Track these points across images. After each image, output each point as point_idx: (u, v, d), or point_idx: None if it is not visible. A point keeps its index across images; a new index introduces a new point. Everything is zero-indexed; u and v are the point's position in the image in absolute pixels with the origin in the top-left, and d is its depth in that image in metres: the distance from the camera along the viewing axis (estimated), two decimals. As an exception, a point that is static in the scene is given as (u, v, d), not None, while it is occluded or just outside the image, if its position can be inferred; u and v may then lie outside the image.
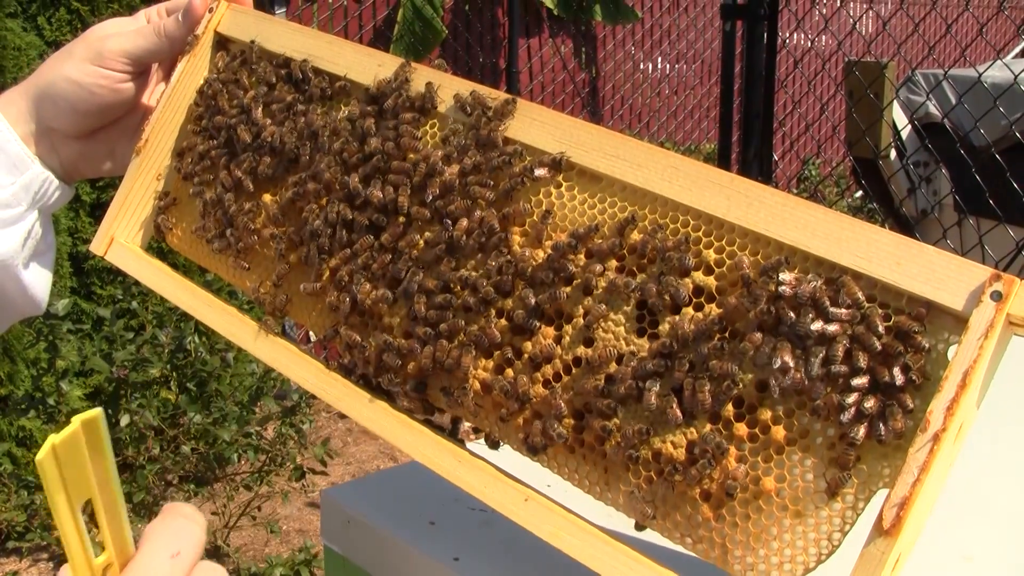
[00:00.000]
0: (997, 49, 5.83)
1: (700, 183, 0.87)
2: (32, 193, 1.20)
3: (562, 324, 0.92)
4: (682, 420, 0.84)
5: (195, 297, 1.18)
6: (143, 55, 1.22)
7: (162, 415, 3.94)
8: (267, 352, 1.10)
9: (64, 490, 0.64)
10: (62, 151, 1.23)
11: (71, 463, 0.64)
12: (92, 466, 0.65)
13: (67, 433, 0.63)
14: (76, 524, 0.64)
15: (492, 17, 7.21)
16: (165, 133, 1.26)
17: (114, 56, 1.19)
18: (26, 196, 1.19)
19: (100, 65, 1.19)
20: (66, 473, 0.64)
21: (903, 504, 0.71)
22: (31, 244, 1.20)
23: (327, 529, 1.32)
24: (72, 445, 0.64)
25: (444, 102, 1.04)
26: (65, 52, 1.21)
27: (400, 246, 1.02)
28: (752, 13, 4.41)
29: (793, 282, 0.80)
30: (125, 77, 1.21)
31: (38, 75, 1.21)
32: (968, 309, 0.73)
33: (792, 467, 0.79)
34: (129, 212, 1.27)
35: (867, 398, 0.75)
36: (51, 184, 1.22)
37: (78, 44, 1.21)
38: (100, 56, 1.19)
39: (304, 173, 1.11)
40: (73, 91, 1.19)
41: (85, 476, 0.65)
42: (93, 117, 1.22)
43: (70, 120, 1.20)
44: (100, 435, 0.66)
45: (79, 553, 0.65)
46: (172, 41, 1.23)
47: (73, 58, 1.19)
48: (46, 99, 1.20)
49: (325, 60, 1.14)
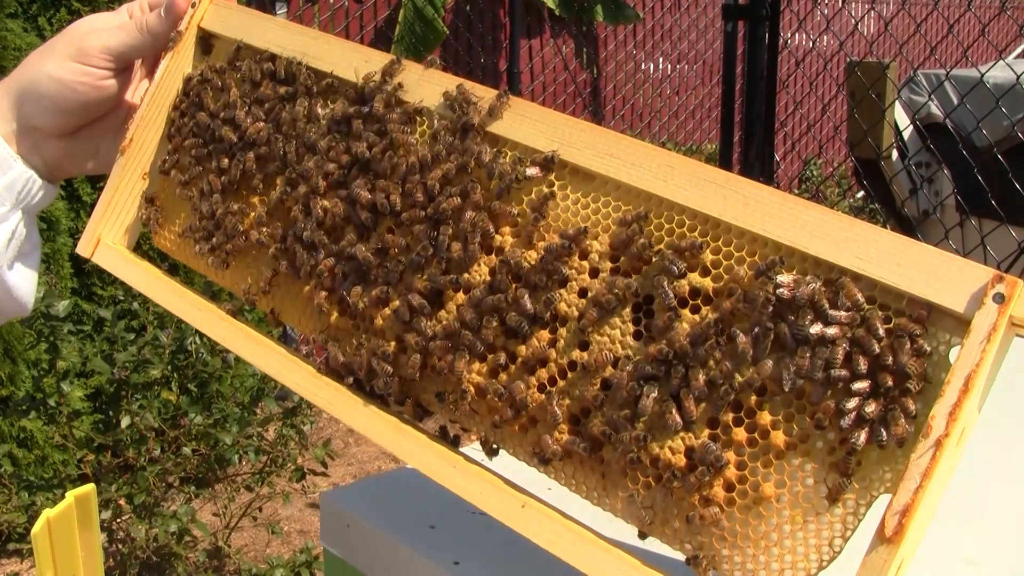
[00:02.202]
0: (999, 49, 5.82)
1: (696, 182, 0.86)
2: (15, 193, 1.18)
3: (556, 327, 0.91)
4: (681, 426, 0.83)
5: (182, 299, 1.17)
6: (125, 51, 1.19)
7: (163, 416, 3.93)
8: (260, 357, 1.09)
9: (53, 566, 0.66)
10: (45, 150, 1.21)
11: (62, 537, 0.65)
12: (81, 540, 0.66)
13: (62, 507, 0.65)
14: None
15: (493, 18, 7.20)
16: (150, 132, 1.24)
17: (96, 52, 1.17)
18: (9, 196, 1.17)
19: (82, 62, 1.17)
20: (57, 547, 0.65)
21: (905, 511, 0.70)
22: (15, 245, 1.19)
23: (327, 532, 1.31)
24: (65, 518, 0.65)
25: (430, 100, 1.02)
26: (47, 49, 1.19)
27: (389, 247, 1.01)
28: (754, 13, 4.40)
29: (792, 284, 0.79)
30: (107, 74, 1.19)
31: (19, 72, 1.19)
32: (970, 311, 0.72)
33: (792, 472, 0.78)
34: (115, 213, 1.26)
35: (868, 403, 0.74)
36: (34, 183, 1.20)
37: (59, 40, 1.19)
38: (82, 53, 1.17)
39: (290, 173, 1.10)
40: (55, 88, 1.17)
41: (74, 551, 0.66)
42: (76, 115, 1.20)
43: (53, 118, 1.18)
44: (91, 508, 0.66)
45: None
46: (155, 37, 1.21)
47: (55, 55, 1.17)
48: (28, 97, 1.18)
49: (311, 56, 1.12)
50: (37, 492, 3.75)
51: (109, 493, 3.53)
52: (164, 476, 3.71)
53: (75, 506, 0.67)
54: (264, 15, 1.22)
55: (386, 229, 1.02)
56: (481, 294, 0.93)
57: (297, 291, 1.09)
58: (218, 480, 4.23)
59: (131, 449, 3.74)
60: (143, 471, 3.62)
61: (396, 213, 1.00)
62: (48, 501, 3.72)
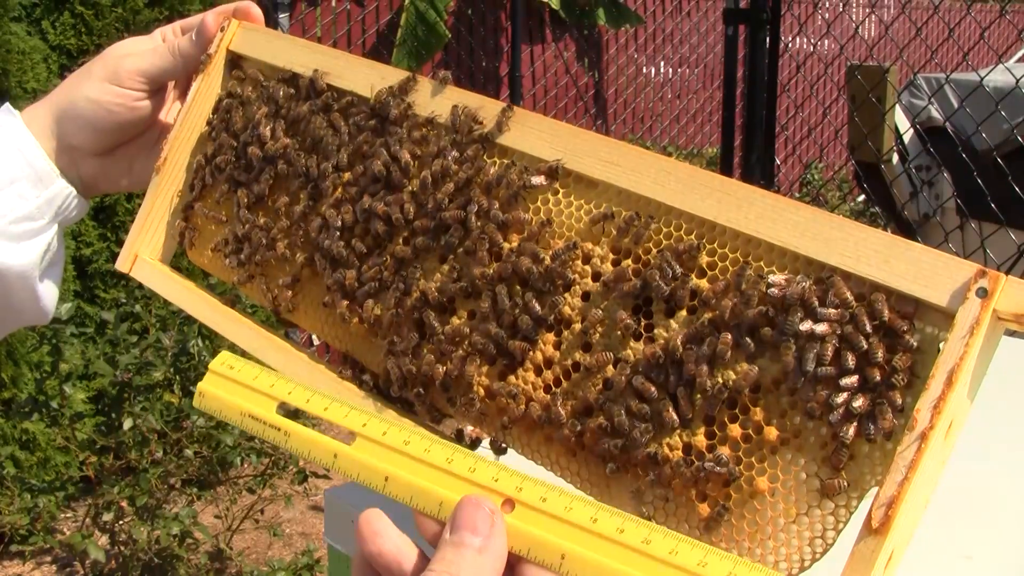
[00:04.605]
0: (999, 53, 5.83)
1: (691, 186, 0.88)
2: (55, 207, 1.23)
3: (561, 330, 0.93)
4: (679, 423, 0.85)
5: (217, 312, 1.20)
6: (158, 74, 1.24)
7: (165, 418, 3.95)
8: (288, 365, 1.11)
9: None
10: (82, 167, 1.26)
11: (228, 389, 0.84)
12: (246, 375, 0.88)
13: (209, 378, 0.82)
14: None
15: (495, 21, 7.23)
16: (183, 151, 1.28)
17: (130, 75, 1.22)
18: (49, 210, 1.22)
19: (117, 84, 1.22)
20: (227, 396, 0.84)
21: (891, 503, 0.71)
22: (48, 257, 1.23)
23: (331, 528, 1.32)
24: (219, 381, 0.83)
25: (442, 115, 1.05)
26: (84, 71, 1.24)
27: (404, 257, 1.03)
28: (754, 18, 4.42)
29: (783, 283, 0.81)
30: (142, 95, 1.24)
31: (59, 93, 1.25)
32: (954, 306, 0.73)
33: (785, 467, 0.80)
34: (152, 229, 1.30)
35: (856, 397, 0.76)
36: (72, 199, 1.25)
37: (96, 63, 1.24)
38: (117, 75, 1.22)
39: (312, 187, 1.13)
40: (92, 110, 1.22)
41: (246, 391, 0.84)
42: (112, 135, 1.25)
43: (90, 138, 1.23)
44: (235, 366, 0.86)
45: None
46: (186, 60, 1.26)
47: (92, 78, 1.23)
48: (67, 117, 1.23)
49: (334, 76, 1.16)
50: (39, 494, 3.76)
51: (111, 495, 3.55)
52: (166, 478, 3.73)
53: (221, 368, 0.77)
54: (289, 37, 1.27)
55: (402, 240, 1.04)
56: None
57: (319, 299, 1.12)
58: (220, 482, 4.24)
59: (133, 451, 3.76)
60: (145, 473, 3.63)
61: (409, 222, 1.03)
62: (50, 503, 3.74)
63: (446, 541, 0.71)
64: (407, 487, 0.79)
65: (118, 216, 4.50)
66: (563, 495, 0.74)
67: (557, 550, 0.72)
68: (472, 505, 0.72)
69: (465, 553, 0.70)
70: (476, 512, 0.72)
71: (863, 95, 4.56)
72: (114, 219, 4.50)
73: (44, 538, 3.73)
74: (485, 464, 0.78)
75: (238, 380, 0.90)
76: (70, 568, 4.06)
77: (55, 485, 3.89)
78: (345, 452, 0.84)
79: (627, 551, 0.70)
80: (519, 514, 0.74)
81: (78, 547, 3.44)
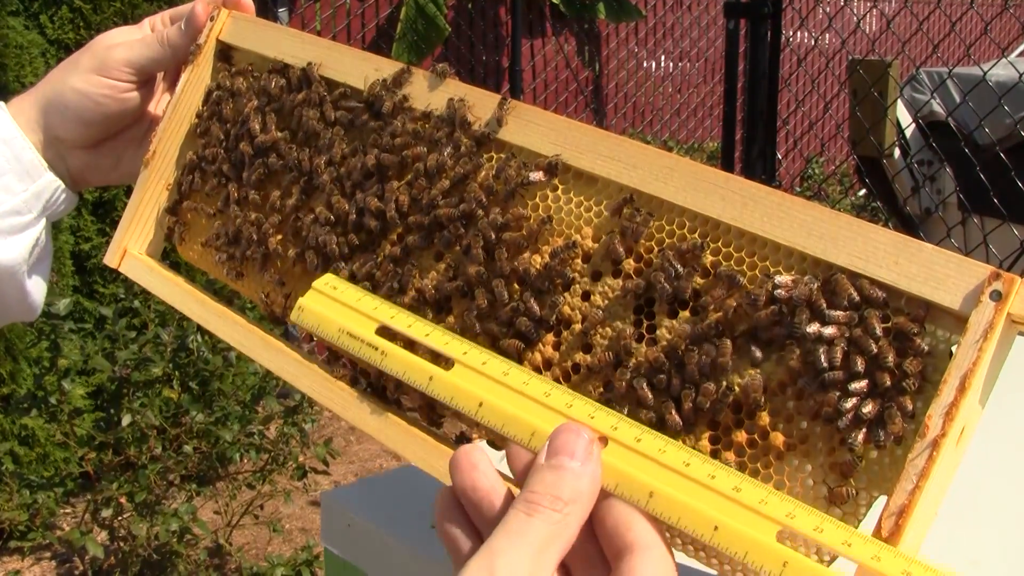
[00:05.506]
0: (1002, 47, 5.81)
1: (695, 183, 0.85)
2: (43, 201, 1.20)
3: (561, 331, 0.91)
4: (681, 427, 0.83)
5: (205, 308, 1.18)
6: (147, 64, 1.21)
7: (164, 414, 3.94)
8: (277, 363, 1.09)
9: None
10: (70, 160, 1.23)
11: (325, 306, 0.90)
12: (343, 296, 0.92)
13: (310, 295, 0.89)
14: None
15: (495, 15, 7.20)
16: (171, 144, 1.25)
17: (118, 66, 1.19)
18: (37, 204, 1.19)
19: (105, 75, 1.19)
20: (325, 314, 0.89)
21: (902, 512, 0.70)
22: (37, 252, 1.21)
23: (327, 531, 1.31)
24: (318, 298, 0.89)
25: (438, 108, 1.03)
26: (71, 62, 1.21)
27: (397, 254, 1.01)
28: (755, 11, 4.39)
29: (790, 284, 0.79)
30: (130, 87, 1.21)
31: (45, 84, 1.22)
32: (967, 309, 0.71)
33: (792, 473, 0.78)
34: (140, 224, 1.28)
35: (865, 402, 0.74)
36: (60, 192, 1.22)
37: (84, 54, 1.21)
38: (105, 66, 1.19)
39: (305, 182, 1.11)
40: (79, 101, 1.19)
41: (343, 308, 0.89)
42: (99, 127, 1.22)
43: (77, 130, 1.21)
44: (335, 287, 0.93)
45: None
46: (175, 50, 1.23)
47: (79, 68, 1.20)
48: (53, 109, 1.20)
49: (327, 67, 1.13)
50: (38, 490, 3.75)
51: (110, 491, 3.54)
52: (165, 474, 3.72)
53: (325, 287, 0.89)
54: (280, 26, 1.23)
55: (396, 236, 1.02)
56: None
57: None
58: (219, 478, 4.23)
59: (132, 447, 3.75)
60: (144, 469, 3.62)
61: (403, 217, 1.01)
62: (49, 499, 3.73)
63: (543, 465, 0.72)
64: (500, 414, 0.80)
65: (117, 211, 4.48)
66: (658, 438, 0.75)
67: (646, 488, 0.72)
68: (572, 432, 0.73)
69: (565, 476, 0.71)
70: (576, 438, 0.73)
71: (865, 89, 4.54)
72: (113, 214, 4.48)
73: (43, 534, 3.72)
74: (583, 402, 0.79)
75: (340, 300, 0.94)
76: (69, 564, 4.06)
77: (54, 481, 3.88)
78: (441, 375, 0.85)
79: (717, 496, 0.71)
80: (611, 451, 0.75)
81: (77, 543, 3.44)
